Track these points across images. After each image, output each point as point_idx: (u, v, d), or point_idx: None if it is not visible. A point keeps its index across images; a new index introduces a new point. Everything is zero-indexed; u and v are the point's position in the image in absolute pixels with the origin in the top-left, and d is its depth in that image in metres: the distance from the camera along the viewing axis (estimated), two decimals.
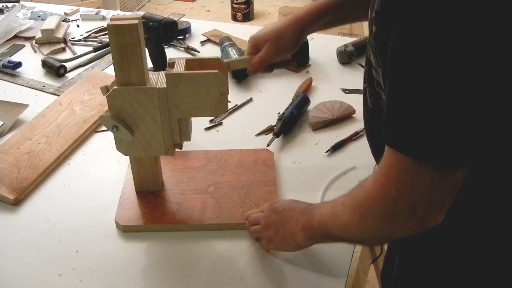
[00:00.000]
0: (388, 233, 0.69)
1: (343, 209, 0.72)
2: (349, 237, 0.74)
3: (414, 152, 0.59)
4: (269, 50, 0.97)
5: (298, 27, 0.97)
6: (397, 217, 0.64)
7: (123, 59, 0.81)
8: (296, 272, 0.85)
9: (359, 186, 0.70)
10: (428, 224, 0.64)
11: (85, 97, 1.28)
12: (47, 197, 1.01)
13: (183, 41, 1.59)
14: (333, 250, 0.88)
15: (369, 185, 0.66)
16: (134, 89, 0.84)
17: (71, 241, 0.91)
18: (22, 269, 0.86)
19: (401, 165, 0.61)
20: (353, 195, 0.71)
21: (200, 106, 0.87)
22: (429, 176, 0.59)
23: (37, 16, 1.76)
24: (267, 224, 0.85)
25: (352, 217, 0.70)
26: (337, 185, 1.02)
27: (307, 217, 0.79)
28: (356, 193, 0.70)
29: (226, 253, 0.88)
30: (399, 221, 0.65)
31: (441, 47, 0.52)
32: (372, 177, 0.67)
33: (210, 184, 1.00)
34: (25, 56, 1.54)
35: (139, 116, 0.86)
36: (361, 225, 0.69)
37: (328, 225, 0.75)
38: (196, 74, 0.85)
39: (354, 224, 0.70)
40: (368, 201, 0.67)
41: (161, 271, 0.86)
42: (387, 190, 0.63)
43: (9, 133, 1.19)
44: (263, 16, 3.96)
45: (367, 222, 0.68)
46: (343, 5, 0.95)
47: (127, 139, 0.88)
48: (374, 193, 0.65)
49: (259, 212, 0.89)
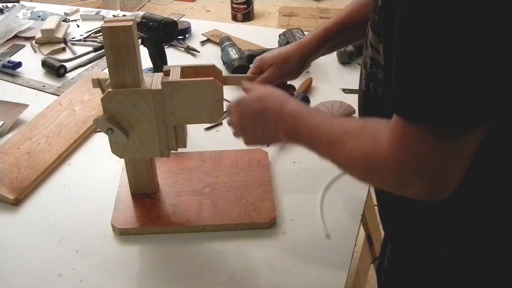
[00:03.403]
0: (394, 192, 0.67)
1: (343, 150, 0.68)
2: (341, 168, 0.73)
3: (431, 118, 0.56)
4: (273, 73, 0.97)
5: (304, 54, 0.97)
6: (410, 185, 0.62)
7: (117, 61, 0.81)
8: (296, 272, 0.85)
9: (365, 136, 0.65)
10: (440, 194, 0.62)
11: (85, 97, 1.28)
12: (47, 197, 1.02)
13: (183, 41, 1.59)
14: (333, 250, 0.88)
15: (383, 147, 0.62)
16: (129, 91, 0.83)
17: (71, 241, 0.91)
18: (22, 269, 0.86)
19: (419, 134, 0.58)
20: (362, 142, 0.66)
21: (196, 113, 0.87)
22: (448, 143, 0.57)
23: (37, 16, 1.76)
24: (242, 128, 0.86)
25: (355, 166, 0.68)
26: (337, 185, 1.02)
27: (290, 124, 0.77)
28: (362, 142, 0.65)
29: (225, 253, 0.88)
30: (412, 188, 0.62)
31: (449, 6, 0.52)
32: (385, 137, 0.62)
33: (205, 185, 1.00)
34: (25, 56, 1.54)
35: (134, 118, 0.86)
36: (364, 176, 0.69)
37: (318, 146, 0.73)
38: (191, 81, 0.85)
39: (356, 173, 0.69)
40: (379, 162, 0.63)
41: (160, 271, 0.86)
42: (405, 158, 0.60)
43: (9, 133, 1.19)
44: (263, 16, 3.96)
45: (374, 177, 0.67)
46: (345, 29, 0.96)
47: (122, 142, 0.88)
48: (390, 159, 0.62)
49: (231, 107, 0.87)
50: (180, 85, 0.84)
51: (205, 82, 0.84)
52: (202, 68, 0.91)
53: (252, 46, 1.51)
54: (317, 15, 3.56)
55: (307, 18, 3.51)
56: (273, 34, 1.52)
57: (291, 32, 1.45)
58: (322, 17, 3.50)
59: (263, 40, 1.54)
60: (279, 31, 1.51)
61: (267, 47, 1.44)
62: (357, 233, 0.92)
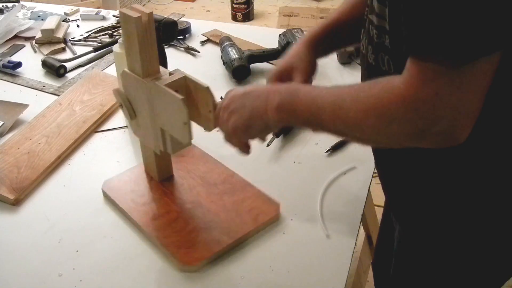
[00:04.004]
0: (410, 141, 0.65)
1: (354, 103, 0.66)
2: (349, 131, 0.69)
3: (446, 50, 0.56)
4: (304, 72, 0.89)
5: (310, 43, 0.92)
6: (432, 125, 0.60)
7: (128, 46, 0.86)
8: (296, 272, 0.84)
9: (380, 86, 0.64)
10: (460, 135, 0.61)
11: (85, 97, 1.28)
12: (47, 197, 1.02)
13: (183, 41, 1.59)
14: (333, 250, 0.88)
15: (399, 87, 0.61)
16: (133, 77, 0.87)
17: (71, 241, 0.91)
18: (22, 269, 0.86)
19: (436, 69, 0.57)
20: (374, 91, 0.64)
21: (171, 125, 0.85)
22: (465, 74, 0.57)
23: (37, 16, 1.76)
24: (231, 111, 0.79)
25: (370, 116, 0.64)
26: (337, 185, 1.02)
27: (286, 97, 0.74)
28: (377, 91, 0.64)
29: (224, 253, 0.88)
30: (434, 129, 0.61)
31: None
32: (401, 79, 0.61)
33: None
34: (25, 56, 1.54)
35: (137, 104, 0.89)
36: (378, 127, 0.64)
37: (323, 114, 0.70)
38: (166, 91, 0.82)
39: (369, 125, 0.65)
40: (398, 107, 0.61)
41: (160, 271, 0.86)
42: (425, 94, 0.59)
43: (9, 133, 1.19)
44: (263, 16, 3.96)
45: (389, 126, 0.63)
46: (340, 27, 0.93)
47: (128, 120, 0.93)
48: (408, 96, 0.60)
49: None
50: (158, 90, 0.84)
51: (172, 98, 0.81)
52: (196, 85, 0.84)
53: (252, 46, 1.51)
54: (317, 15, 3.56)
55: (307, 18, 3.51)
56: (273, 34, 1.52)
57: (291, 32, 1.45)
58: (322, 17, 3.50)
59: (263, 40, 1.54)
60: (279, 31, 1.51)
61: (267, 47, 1.44)
62: (357, 233, 0.92)
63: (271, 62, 1.43)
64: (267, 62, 1.43)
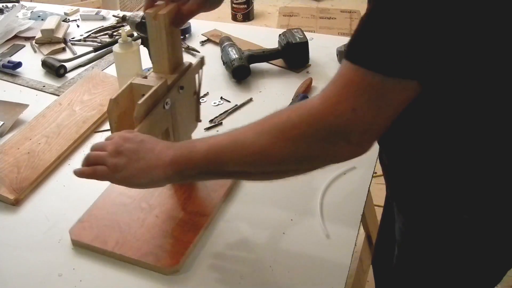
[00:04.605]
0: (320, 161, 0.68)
1: (257, 136, 0.67)
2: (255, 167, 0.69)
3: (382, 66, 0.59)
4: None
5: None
6: (342, 141, 0.63)
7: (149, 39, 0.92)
8: (296, 272, 0.85)
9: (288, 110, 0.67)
10: (366, 148, 0.64)
11: (85, 97, 1.28)
12: (47, 197, 1.02)
13: (183, 41, 1.58)
14: (333, 250, 0.88)
15: (315, 105, 0.63)
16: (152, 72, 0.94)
17: (71, 241, 0.91)
18: (22, 269, 0.86)
19: (363, 83, 0.60)
20: (279, 118, 0.66)
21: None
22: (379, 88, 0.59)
23: (37, 16, 1.76)
24: (118, 151, 0.74)
25: (276, 142, 0.65)
26: (337, 185, 1.02)
27: (181, 151, 0.73)
28: (285, 115, 0.66)
29: (224, 253, 0.89)
30: (342, 147, 0.63)
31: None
32: (319, 97, 0.63)
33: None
34: (25, 56, 1.54)
35: None
36: (288, 151, 0.65)
37: (224, 157, 0.69)
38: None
39: (277, 150, 0.65)
40: (309, 122, 0.63)
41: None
42: (341, 110, 0.61)
43: (9, 133, 1.19)
44: (263, 16, 3.96)
45: (299, 146, 0.64)
46: None
47: None
48: (322, 113, 0.62)
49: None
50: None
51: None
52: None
53: (252, 46, 1.51)
54: (317, 15, 3.56)
55: (307, 18, 3.51)
56: (273, 34, 1.51)
57: (291, 32, 1.45)
58: (322, 17, 3.51)
59: (263, 40, 1.54)
60: (279, 31, 1.51)
61: (267, 47, 1.44)
62: (357, 233, 0.92)
63: (271, 62, 1.43)
64: (267, 62, 1.43)
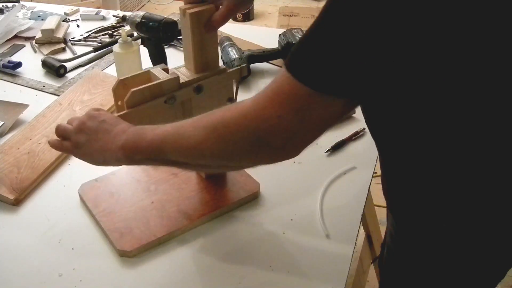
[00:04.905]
0: (247, 160, 0.70)
1: (195, 130, 0.69)
2: (192, 159, 0.71)
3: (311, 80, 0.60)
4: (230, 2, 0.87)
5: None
6: (266, 145, 0.65)
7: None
8: (296, 272, 0.85)
9: (225, 109, 0.69)
10: (291, 155, 0.67)
11: (85, 97, 1.28)
12: (47, 197, 1.02)
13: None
14: (333, 250, 0.88)
15: (246, 107, 0.65)
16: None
17: (71, 241, 0.91)
18: (22, 269, 0.86)
19: (292, 92, 0.61)
20: (215, 116, 0.68)
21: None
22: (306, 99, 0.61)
23: (37, 16, 1.76)
24: (80, 128, 0.81)
25: (209, 138, 0.67)
26: (337, 185, 1.02)
27: (132, 136, 0.77)
28: (221, 114, 0.68)
29: (224, 253, 0.89)
30: (266, 149, 0.65)
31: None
32: (252, 99, 0.66)
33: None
34: (25, 56, 1.54)
35: None
36: (218, 147, 0.68)
37: (165, 146, 0.72)
38: None
39: (209, 145, 0.68)
40: (239, 122, 0.65)
41: (160, 271, 0.86)
42: (268, 115, 0.63)
43: (9, 133, 1.19)
44: (263, 16, 3.96)
45: (228, 144, 0.67)
46: None
47: None
48: (251, 115, 0.64)
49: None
50: None
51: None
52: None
53: (252, 46, 1.51)
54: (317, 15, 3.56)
55: (307, 18, 3.51)
56: (273, 34, 1.51)
57: (291, 32, 1.45)
58: None
59: (263, 40, 1.54)
60: (279, 31, 1.51)
61: (267, 47, 1.44)
62: (357, 233, 0.92)
63: (271, 62, 1.43)
64: (267, 62, 1.43)
